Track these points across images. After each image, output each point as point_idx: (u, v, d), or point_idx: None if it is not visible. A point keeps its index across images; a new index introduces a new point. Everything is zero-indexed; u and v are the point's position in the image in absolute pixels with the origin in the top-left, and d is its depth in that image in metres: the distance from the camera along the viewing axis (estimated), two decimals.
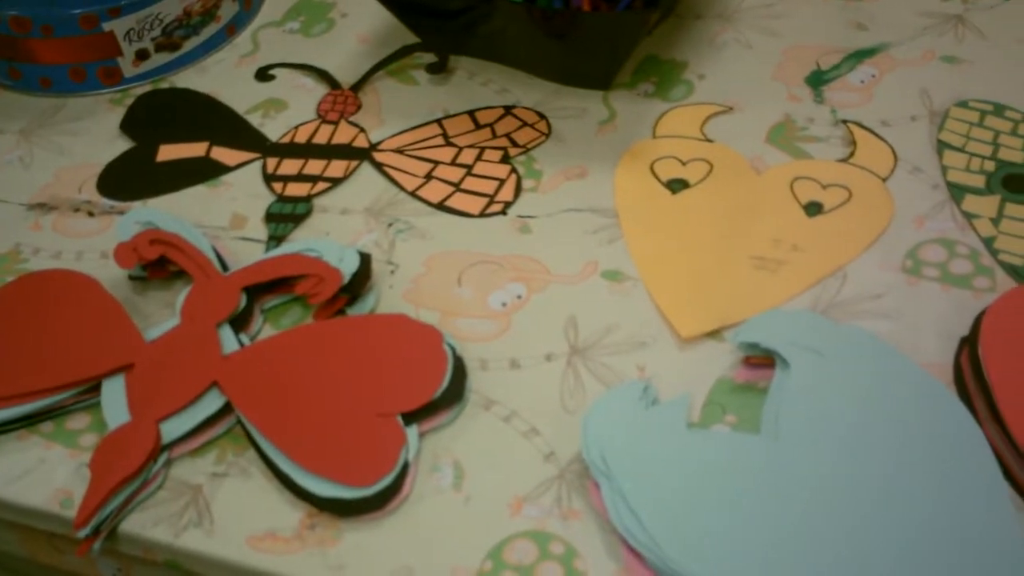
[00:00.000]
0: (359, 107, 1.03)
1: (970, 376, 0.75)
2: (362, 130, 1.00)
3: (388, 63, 1.06)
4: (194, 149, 1.00)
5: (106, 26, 1.03)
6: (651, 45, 1.07)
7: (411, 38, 1.09)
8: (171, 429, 0.75)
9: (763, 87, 1.02)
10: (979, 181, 0.90)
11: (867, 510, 0.68)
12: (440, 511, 0.72)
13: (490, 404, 0.77)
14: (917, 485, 0.69)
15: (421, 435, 0.75)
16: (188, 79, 1.10)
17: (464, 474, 0.74)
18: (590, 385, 0.78)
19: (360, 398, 0.74)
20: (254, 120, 1.02)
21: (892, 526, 0.68)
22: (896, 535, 0.67)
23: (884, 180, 0.91)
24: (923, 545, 0.67)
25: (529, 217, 0.90)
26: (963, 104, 0.98)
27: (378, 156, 0.97)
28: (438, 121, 1.00)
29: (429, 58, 1.07)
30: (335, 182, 0.95)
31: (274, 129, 1.01)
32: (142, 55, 1.06)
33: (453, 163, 0.95)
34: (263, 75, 1.08)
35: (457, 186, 0.94)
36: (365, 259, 0.83)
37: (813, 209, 0.88)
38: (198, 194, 0.96)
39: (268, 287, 0.83)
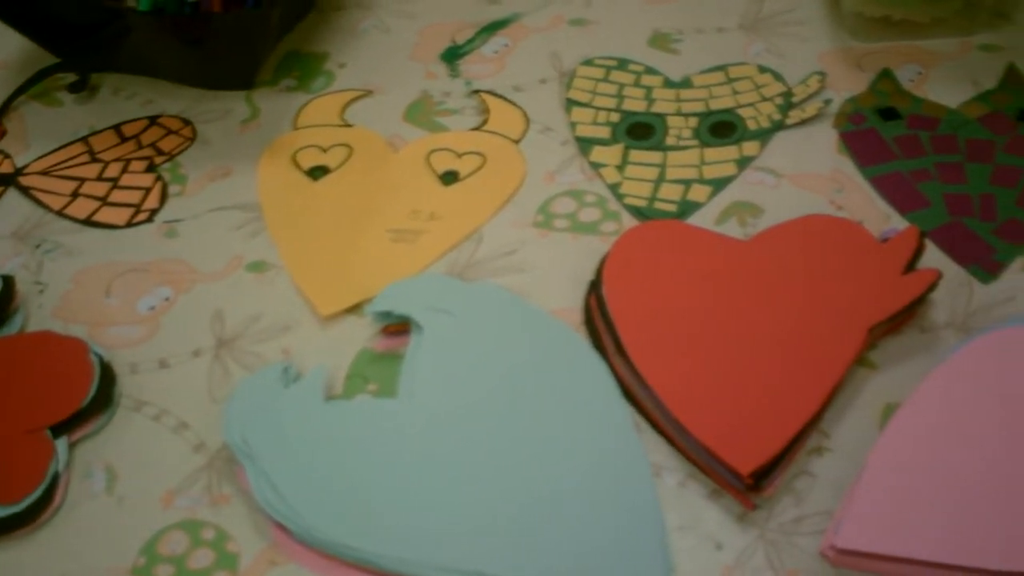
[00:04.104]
0: (4, 134, 1.02)
1: (597, 316, 0.78)
2: (7, 156, 1.00)
3: (28, 88, 1.06)
4: None
5: None
6: (293, 41, 1.09)
7: (52, 60, 1.07)
8: None
9: (401, 68, 1.05)
10: (605, 132, 0.95)
11: (504, 453, 0.72)
12: (94, 516, 0.73)
13: (140, 405, 0.78)
14: (549, 422, 0.73)
15: (72, 444, 0.76)
16: None
17: (116, 476, 0.75)
18: (238, 374, 0.80)
19: (5, 419, 0.75)
20: None
21: (528, 463, 0.71)
22: (532, 471, 0.71)
23: (517, 142, 0.95)
24: (558, 476, 0.71)
25: (176, 221, 0.92)
26: (589, 62, 1.03)
27: (24, 180, 0.97)
28: (84, 139, 1.01)
29: (73, 77, 1.05)
30: None
31: None
32: None
33: (99, 178, 0.96)
34: None
35: (104, 200, 0.95)
36: (8, 282, 0.84)
37: (449, 178, 0.92)
38: None
39: None
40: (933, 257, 0.81)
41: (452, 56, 1.04)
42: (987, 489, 0.66)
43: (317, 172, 0.93)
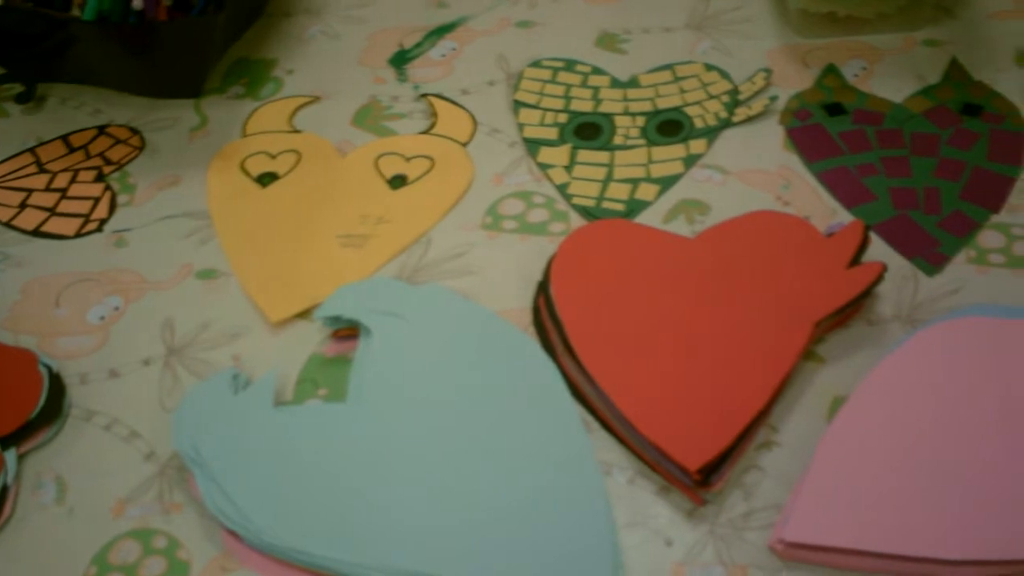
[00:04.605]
0: None
1: (546, 316, 0.79)
2: None
3: None
4: None
5: None
6: (242, 48, 1.09)
7: None
8: None
9: (350, 73, 1.05)
10: (553, 133, 0.95)
11: (453, 455, 0.72)
12: (44, 527, 0.73)
13: (91, 415, 0.78)
14: (498, 423, 0.73)
15: (22, 456, 0.76)
16: None
17: (67, 487, 0.74)
18: (188, 382, 0.80)
19: None
20: None
21: (477, 464, 0.72)
22: (481, 472, 0.71)
23: (465, 145, 0.95)
24: (507, 477, 0.71)
25: (125, 230, 0.91)
26: (536, 64, 1.03)
27: None
28: (31, 150, 1.00)
29: (20, 88, 1.05)
30: None
31: None
32: None
33: (48, 189, 0.96)
34: None
35: (52, 211, 0.94)
36: None
37: (397, 182, 0.92)
38: None
39: None
40: (879, 251, 0.82)
41: (400, 61, 1.04)
42: (933, 479, 0.67)
43: (266, 179, 0.93)
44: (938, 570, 0.65)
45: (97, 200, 0.94)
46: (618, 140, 0.93)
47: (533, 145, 0.93)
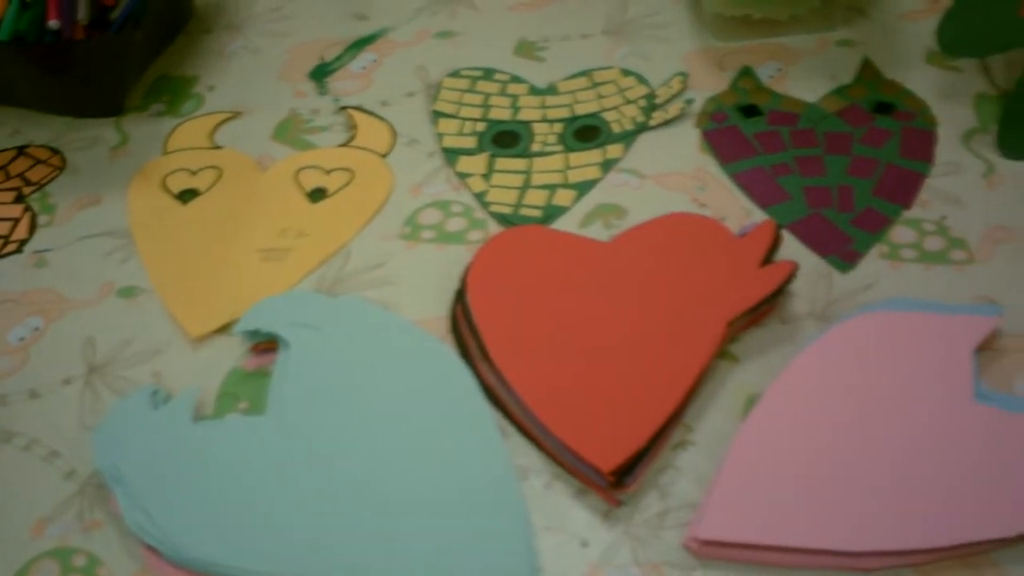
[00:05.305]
0: None
1: (463, 323, 0.79)
2: None
3: None
4: None
5: None
6: (163, 65, 1.09)
7: None
8: None
9: (270, 88, 1.05)
10: (471, 142, 0.96)
11: (371, 465, 0.73)
12: None
13: (10, 437, 0.78)
14: (415, 431, 0.74)
15: None
16: None
17: None
18: (109, 400, 0.80)
19: None
20: None
21: (395, 473, 0.72)
22: (399, 481, 0.72)
23: (384, 156, 0.96)
24: (425, 484, 0.71)
25: (45, 251, 0.91)
26: (455, 74, 1.04)
27: None
28: None
29: None
30: None
31: None
32: None
33: None
34: None
35: None
36: None
37: (317, 195, 0.92)
38: None
39: None
40: (794, 249, 0.83)
41: (321, 74, 1.04)
42: (842, 473, 0.68)
43: (187, 195, 0.93)
44: (848, 562, 0.66)
45: (17, 221, 0.94)
46: (536, 147, 0.93)
47: (451, 154, 0.94)
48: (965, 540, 0.65)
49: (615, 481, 0.69)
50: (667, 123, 0.96)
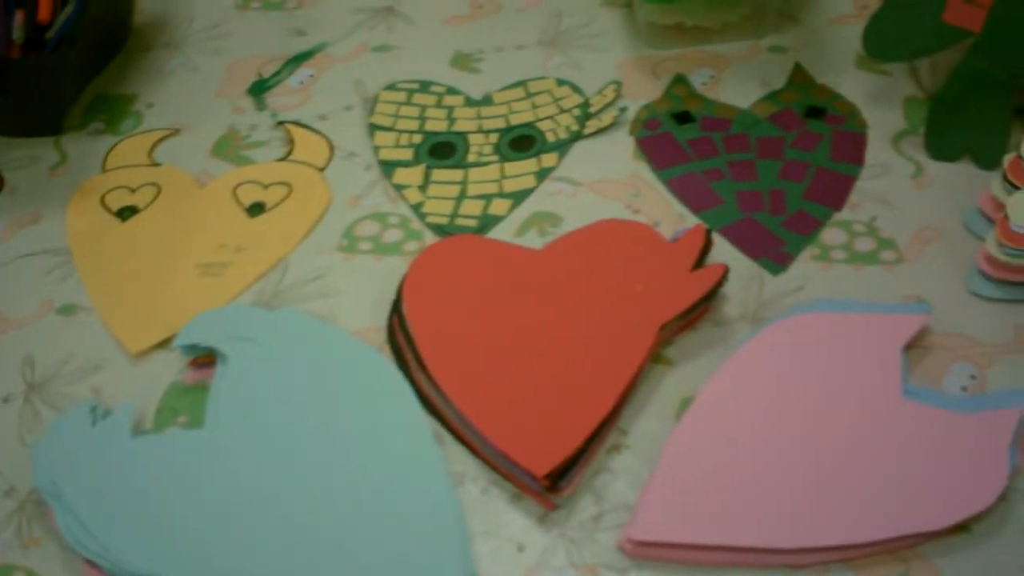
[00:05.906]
0: None
1: (399, 333, 0.80)
2: None
3: None
4: None
5: None
6: (101, 83, 1.09)
7: None
8: None
9: (209, 105, 1.06)
10: (408, 154, 0.97)
11: (308, 476, 0.73)
12: None
13: None
14: (351, 441, 0.75)
15: None
16: None
17: None
18: (48, 417, 0.80)
19: None
20: None
21: (331, 483, 0.73)
22: (336, 490, 0.73)
23: (322, 170, 0.96)
24: (361, 494, 0.72)
25: None
26: (392, 87, 1.05)
27: None
28: None
29: None
30: None
31: None
32: None
33: None
34: None
35: None
36: None
37: (256, 210, 0.93)
38: None
39: None
40: (726, 253, 0.85)
41: (259, 90, 1.05)
42: (771, 472, 0.69)
43: (126, 212, 0.94)
44: (779, 559, 0.67)
45: None
46: (472, 158, 0.94)
47: (388, 167, 0.95)
48: (893, 535, 0.67)
49: (550, 485, 0.70)
50: (601, 131, 0.97)
